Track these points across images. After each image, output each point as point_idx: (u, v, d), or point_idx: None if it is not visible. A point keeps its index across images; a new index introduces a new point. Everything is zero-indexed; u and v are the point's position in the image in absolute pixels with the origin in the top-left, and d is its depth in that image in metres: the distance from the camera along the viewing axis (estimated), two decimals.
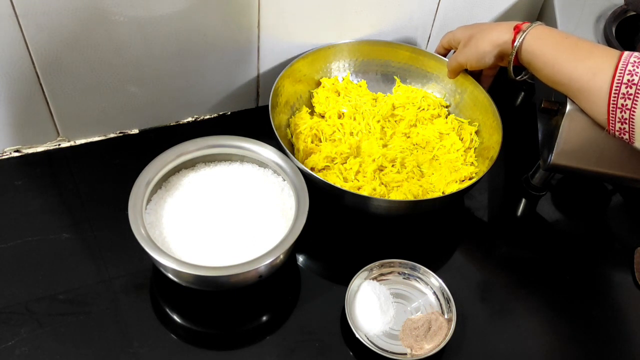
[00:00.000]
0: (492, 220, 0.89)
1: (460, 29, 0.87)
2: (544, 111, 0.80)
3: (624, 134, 0.70)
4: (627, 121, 0.69)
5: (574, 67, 0.72)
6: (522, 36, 0.77)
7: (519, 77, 0.84)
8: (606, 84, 0.69)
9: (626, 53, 0.69)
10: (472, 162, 0.87)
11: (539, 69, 0.77)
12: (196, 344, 0.71)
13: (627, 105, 0.68)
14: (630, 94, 0.67)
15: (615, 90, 0.68)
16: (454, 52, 0.90)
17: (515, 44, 0.78)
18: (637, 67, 0.67)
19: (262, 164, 0.81)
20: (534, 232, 0.89)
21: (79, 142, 0.88)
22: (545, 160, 0.82)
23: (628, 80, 0.67)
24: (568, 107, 0.75)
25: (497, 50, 0.81)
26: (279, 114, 0.87)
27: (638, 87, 0.67)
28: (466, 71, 0.90)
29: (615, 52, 0.70)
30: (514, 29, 0.79)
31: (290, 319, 0.74)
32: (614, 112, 0.69)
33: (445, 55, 0.93)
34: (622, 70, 0.68)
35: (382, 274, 0.77)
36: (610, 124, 0.70)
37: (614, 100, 0.69)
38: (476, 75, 0.90)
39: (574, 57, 0.73)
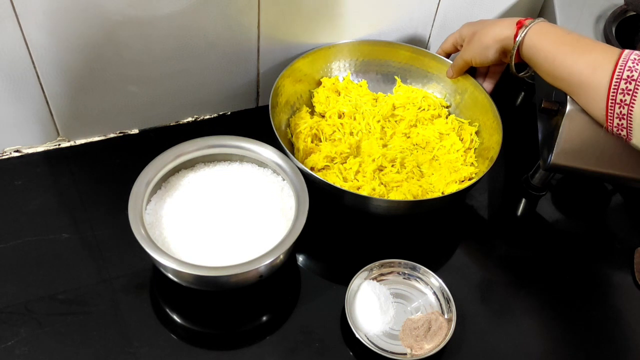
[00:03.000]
0: (492, 220, 0.89)
1: (465, 26, 0.87)
2: (544, 111, 0.80)
3: (622, 130, 0.70)
4: (625, 117, 0.69)
5: (574, 61, 0.73)
6: (524, 31, 0.77)
7: (522, 73, 0.84)
8: (606, 79, 0.69)
9: (627, 50, 0.69)
10: (472, 163, 0.87)
11: (540, 64, 0.77)
12: (196, 344, 0.71)
13: (625, 100, 0.68)
14: (630, 90, 0.67)
15: (615, 85, 0.68)
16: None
17: (517, 39, 0.78)
18: (637, 64, 0.67)
19: (261, 163, 0.81)
20: (534, 232, 0.89)
21: (79, 142, 0.88)
22: (545, 160, 0.82)
23: (628, 77, 0.67)
24: (568, 107, 0.75)
25: (499, 45, 0.81)
26: (279, 113, 0.87)
27: (637, 83, 0.67)
28: (470, 72, 0.90)
29: (615, 49, 0.71)
30: (517, 24, 0.79)
31: (290, 319, 0.74)
32: (613, 108, 0.69)
33: (449, 56, 0.93)
34: (622, 66, 0.68)
35: (382, 274, 0.77)
36: (609, 120, 0.70)
37: (612, 96, 0.69)
38: (483, 72, 0.90)
39: (574, 52, 0.73)
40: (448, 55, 0.93)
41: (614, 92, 0.69)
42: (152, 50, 0.81)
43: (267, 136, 0.80)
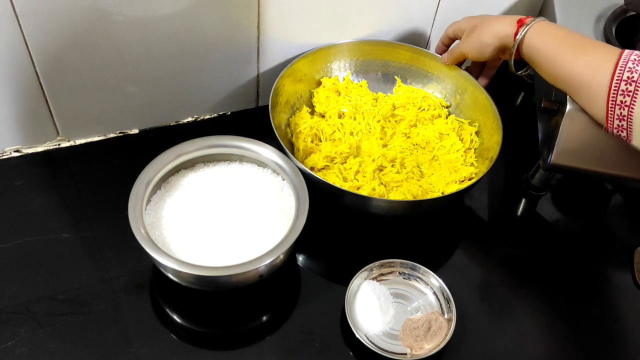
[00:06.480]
0: (492, 220, 0.89)
1: (466, 19, 0.87)
2: (544, 111, 0.80)
3: (622, 131, 0.70)
4: (625, 118, 0.69)
5: (574, 63, 0.72)
6: (525, 30, 0.77)
7: (520, 72, 0.84)
8: (606, 80, 0.69)
9: (627, 51, 0.69)
10: (472, 163, 0.87)
11: (540, 64, 0.76)
12: (196, 344, 0.71)
13: (626, 102, 0.68)
14: (630, 91, 0.67)
15: (615, 86, 0.68)
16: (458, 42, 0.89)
17: (517, 38, 0.78)
18: (638, 65, 0.67)
19: (261, 163, 0.81)
20: (534, 232, 0.89)
21: (79, 142, 0.88)
22: (545, 160, 0.82)
23: (628, 77, 0.67)
24: (568, 107, 0.75)
25: (499, 42, 0.81)
26: (279, 113, 0.87)
27: (638, 84, 0.67)
28: (468, 69, 0.90)
29: (616, 50, 0.70)
30: (517, 22, 0.79)
31: (290, 319, 0.74)
32: (613, 109, 0.69)
33: (449, 46, 0.92)
34: (622, 67, 0.68)
35: (382, 274, 0.77)
36: (609, 121, 0.70)
37: (613, 97, 0.69)
38: (480, 67, 0.90)
39: (575, 53, 0.73)
40: (447, 47, 0.92)
41: (614, 94, 0.68)
42: (152, 51, 0.81)
43: (267, 136, 0.80)
